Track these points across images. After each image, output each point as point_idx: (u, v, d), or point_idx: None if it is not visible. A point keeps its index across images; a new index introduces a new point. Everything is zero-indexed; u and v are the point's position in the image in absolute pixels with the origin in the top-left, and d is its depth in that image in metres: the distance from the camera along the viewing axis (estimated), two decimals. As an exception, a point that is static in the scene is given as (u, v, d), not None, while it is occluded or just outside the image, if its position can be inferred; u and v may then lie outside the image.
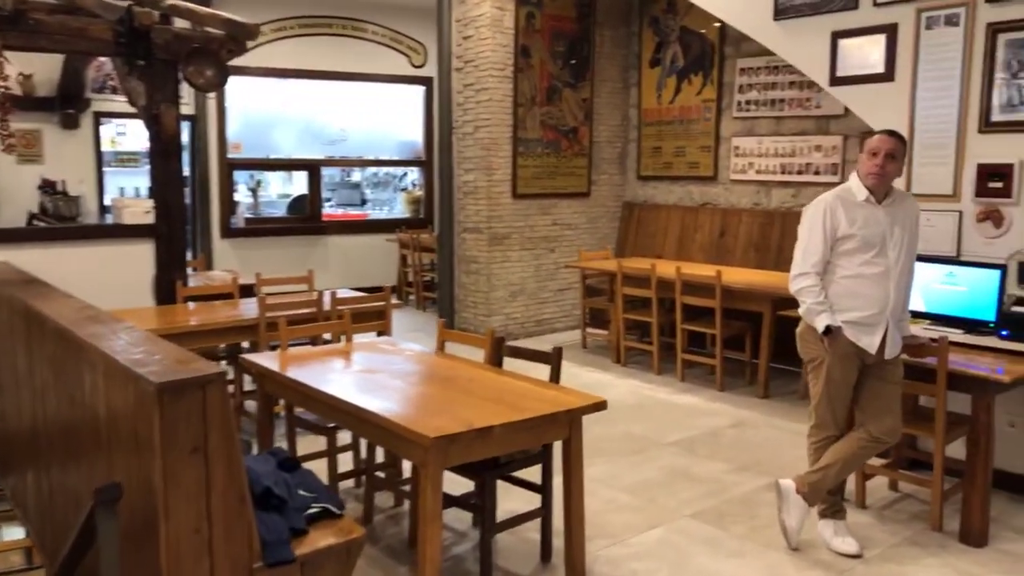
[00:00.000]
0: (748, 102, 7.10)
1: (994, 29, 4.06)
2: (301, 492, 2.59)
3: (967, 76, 4.18)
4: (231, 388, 4.86)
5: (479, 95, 7.38)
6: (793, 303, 5.79)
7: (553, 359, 3.54)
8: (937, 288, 4.09)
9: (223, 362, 5.16)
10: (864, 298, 3.40)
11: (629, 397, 5.86)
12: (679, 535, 3.73)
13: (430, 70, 9.49)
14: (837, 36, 4.68)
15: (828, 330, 3.39)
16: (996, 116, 4.10)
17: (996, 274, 3.98)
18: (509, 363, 3.74)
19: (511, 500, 3.58)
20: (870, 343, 3.42)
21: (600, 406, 3.14)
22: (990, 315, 3.98)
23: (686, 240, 7.56)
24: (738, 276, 6.18)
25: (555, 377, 3.54)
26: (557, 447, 3.24)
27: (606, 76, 8.02)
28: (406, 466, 3.81)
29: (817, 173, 6.69)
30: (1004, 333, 3.87)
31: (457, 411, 2.95)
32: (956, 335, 3.88)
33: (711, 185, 7.43)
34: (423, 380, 3.55)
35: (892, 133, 3.41)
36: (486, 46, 7.26)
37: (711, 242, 7.34)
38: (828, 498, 3.61)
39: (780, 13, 4.97)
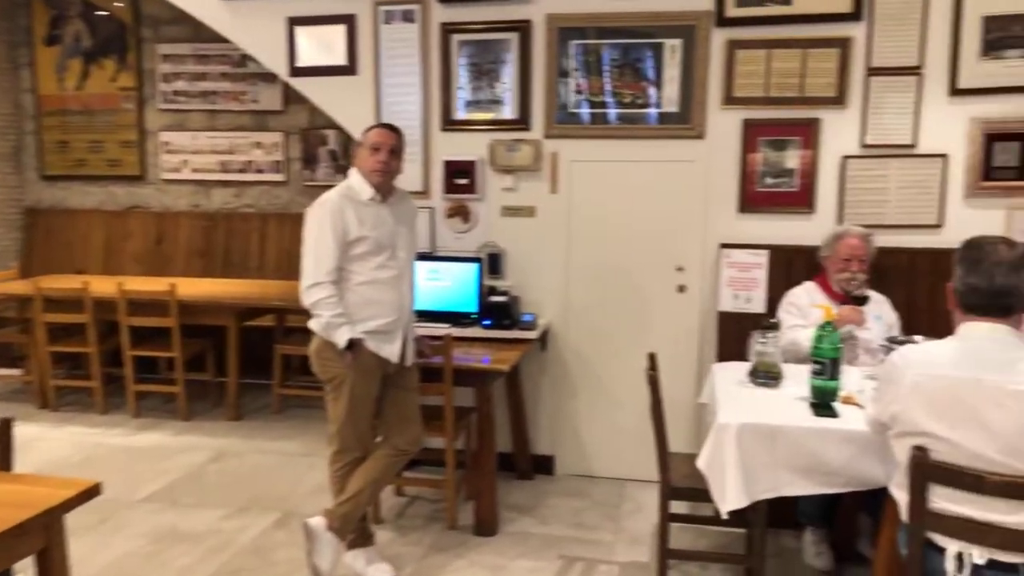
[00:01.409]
0: (176, 93, 6.33)
1: (447, 29, 4.18)
2: None
3: (428, 74, 4.23)
4: None
5: None
6: (258, 313, 5.30)
7: (-4, 433, 2.48)
8: (423, 285, 4.08)
9: None
10: (382, 305, 3.14)
11: (72, 451, 4.71)
12: (195, 618, 3.01)
13: None
14: (294, 23, 4.34)
15: (351, 344, 3.05)
16: (457, 115, 4.24)
17: (475, 267, 4.13)
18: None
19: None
20: (392, 352, 3.19)
21: (91, 492, 2.28)
22: (473, 307, 4.12)
23: (114, 250, 6.46)
24: (193, 288, 5.46)
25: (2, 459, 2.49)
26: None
27: (-16, 51, 6.38)
28: None
29: (260, 172, 6.29)
30: (486, 323, 4.03)
31: None
32: (445, 330, 3.90)
33: (140, 186, 6.46)
34: None
35: (391, 127, 3.21)
36: None
37: (147, 250, 6.40)
38: (355, 526, 3.29)
39: (225, -9, 4.42)
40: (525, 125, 4.15)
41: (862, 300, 3.49)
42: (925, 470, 2.09)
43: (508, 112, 4.16)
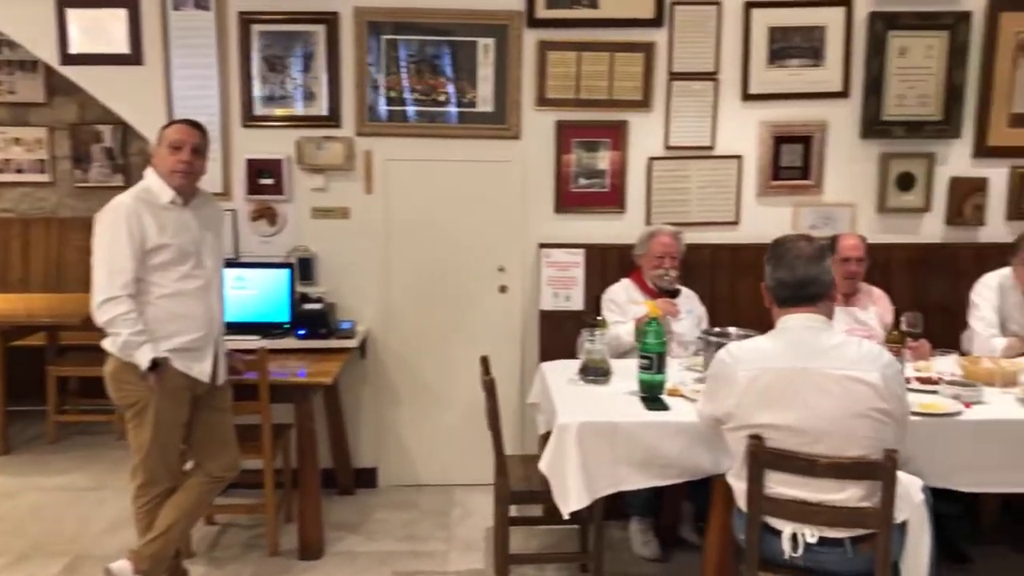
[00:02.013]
0: (-89, 80, 5.45)
1: (246, 19, 3.88)
2: None
3: (225, 66, 3.91)
4: None
5: None
6: (25, 332, 4.77)
7: None
8: (228, 294, 3.76)
9: None
10: (189, 319, 2.84)
11: None
12: None
13: None
14: (64, 4, 3.83)
15: (155, 364, 2.73)
16: (258, 110, 3.95)
17: (285, 273, 3.87)
18: None
19: None
20: (202, 370, 2.89)
21: None
22: (285, 316, 3.86)
23: None
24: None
25: None
26: None
27: None
28: None
29: (20, 171, 5.59)
30: (300, 332, 3.79)
31: None
32: (257, 342, 3.62)
33: None
34: None
35: (193, 123, 2.90)
36: None
37: None
38: (167, 565, 2.97)
39: (-24, -35, 3.82)
40: (336, 122, 3.94)
41: (674, 293, 3.66)
42: (762, 458, 2.18)
43: (317, 108, 3.94)
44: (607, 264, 3.99)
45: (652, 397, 2.83)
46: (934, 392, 2.84)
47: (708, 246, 4.04)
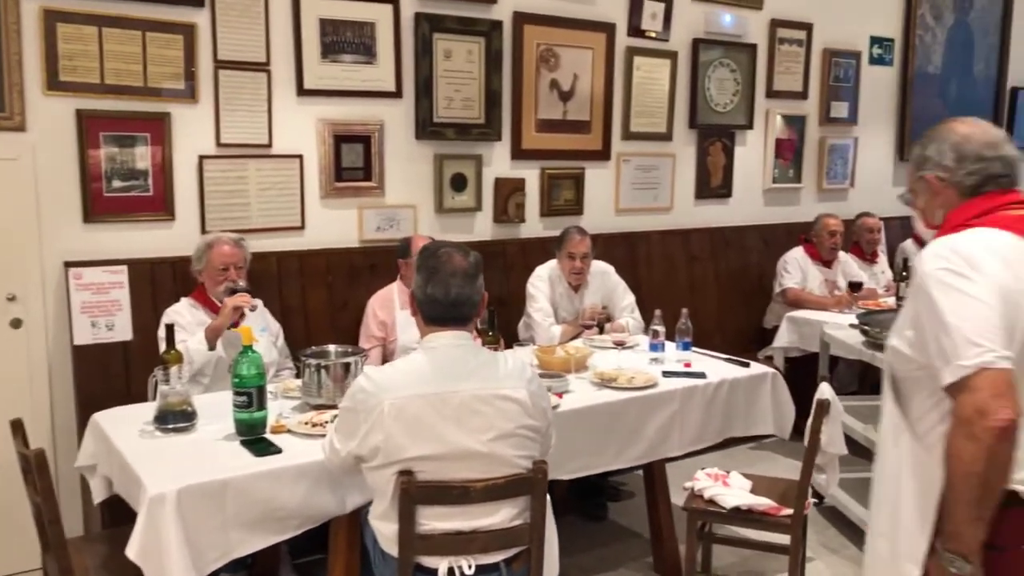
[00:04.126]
0: None
1: None
2: None
3: None
4: None
5: None
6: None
7: None
8: None
9: None
10: None
11: None
12: None
13: None
14: None
15: None
16: None
17: None
18: None
19: None
20: None
21: None
22: None
23: None
24: None
25: None
26: None
27: None
28: None
29: None
30: None
31: None
32: None
33: None
34: None
35: None
36: None
37: None
38: None
39: None
40: None
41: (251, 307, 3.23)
42: (415, 495, 1.97)
43: None
44: (158, 282, 3.38)
45: (256, 439, 2.43)
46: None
47: (273, 254, 3.68)
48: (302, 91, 3.69)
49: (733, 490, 2.88)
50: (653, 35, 4.69)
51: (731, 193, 5.14)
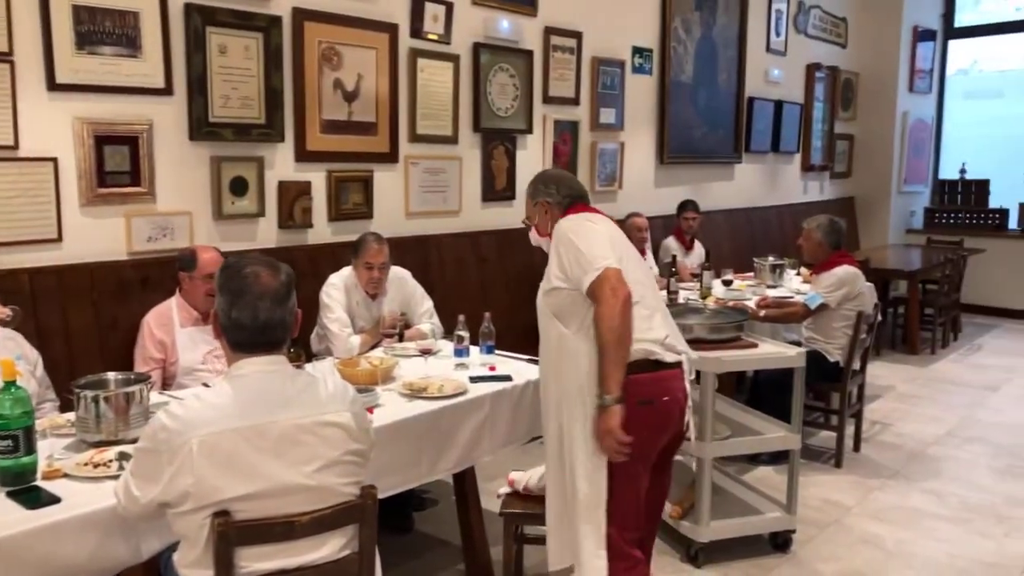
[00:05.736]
0: None
1: None
2: None
3: None
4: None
5: None
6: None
7: None
8: None
9: None
10: None
11: None
12: None
13: None
14: None
15: None
16: None
17: None
18: None
19: None
20: None
21: None
22: None
23: None
24: None
25: None
26: None
27: None
28: None
29: None
30: None
31: None
32: None
33: None
34: None
35: None
36: None
37: None
38: None
39: None
40: None
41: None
42: (232, 538, 1.79)
43: None
44: None
45: (26, 489, 2.10)
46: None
47: (25, 270, 3.23)
48: (54, 86, 3.26)
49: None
50: (435, 37, 4.66)
51: (515, 195, 5.24)
